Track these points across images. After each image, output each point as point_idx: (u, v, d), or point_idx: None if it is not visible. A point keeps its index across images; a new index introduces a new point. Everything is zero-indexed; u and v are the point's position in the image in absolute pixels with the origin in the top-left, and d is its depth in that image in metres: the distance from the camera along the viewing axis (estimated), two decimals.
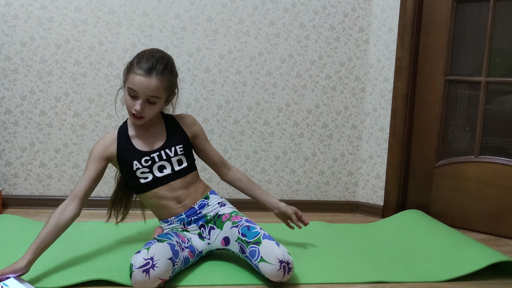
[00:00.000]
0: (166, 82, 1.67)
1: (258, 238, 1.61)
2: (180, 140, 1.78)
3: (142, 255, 1.50)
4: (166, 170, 1.74)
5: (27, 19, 2.31)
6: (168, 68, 1.68)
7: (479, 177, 2.32)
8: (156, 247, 1.53)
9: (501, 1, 2.24)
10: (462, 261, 1.80)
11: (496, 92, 2.29)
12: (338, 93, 2.55)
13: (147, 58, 1.65)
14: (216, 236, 1.76)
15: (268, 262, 1.56)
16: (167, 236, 1.63)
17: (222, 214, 1.77)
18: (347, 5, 2.49)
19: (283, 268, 1.55)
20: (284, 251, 1.58)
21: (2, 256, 1.72)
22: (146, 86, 1.62)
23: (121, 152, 1.73)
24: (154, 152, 1.73)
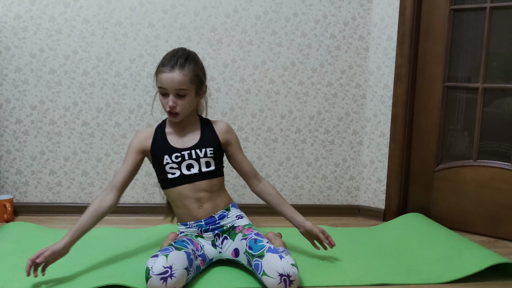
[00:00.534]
0: (189, 74, 1.75)
1: (262, 251, 1.65)
2: (212, 144, 1.84)
3: (161, 262, 1.55)
4: (193, 169, 1.81)
5: (37, 31, 2.37)
6: (190, 60, 1.77)
7: (478, 181, 2.39)
8: (175, 256, 1.58)
9: (497, 9, 2.31)
10: (463, 263, 1.86)
11: (494, 96, 2.36)
12: (340, 99, 2.62)
13: (169, 57, 1.76)
14: (228, 247, 1.82)
15: (269, 276, 1.59)
16: (183, 244, 1.68)
17: (237, 226, 1.84)
18: (347, 14, 2.56)
19: (283, 282, 1.58)
20: (286, 263, 1.60)
21: (18, 262, 1.78)
22: (172, 80, 1.73)
23: (155, 145, 1.82)
24: (185, 150, 1.81)
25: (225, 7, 2.47)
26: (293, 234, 2.13)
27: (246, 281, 1.71)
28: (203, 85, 1.84)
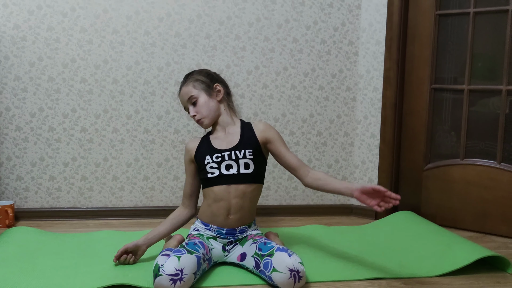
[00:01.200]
0: (191, 83, 1.96)
1: (272, 251, 1.72)
2: (251, 145, 1.92)
3: (173, 264, 1.61)
4: (232, 170, 1.89)
5: (35, 40, 2.43)
6: (190, 75, 2.00)
7: (465, 179, 2.48)
8: (187, 260, 1.64)
9: (480, 14, 2.41)
10: (452, 257, 1.95)
11: (479, 97, 2.45)
12: (331, 102, 2.70)
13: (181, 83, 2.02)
14: (235, 251, 1.89)
15: (279, 271, 1.66)
16: (195, 248, 1.73)
17: (249, 235, 1.92)
18: (336, 20, 2.65)
19: (293, 277, 1.65)
20: (295, 260, 1.67)
21: (23, 265, 1.83)
22: (182, 97, 1.99)
23: (199, 151, 1.95)
24: (225, 151, 1.90)
25: (218, 15, 2.54)
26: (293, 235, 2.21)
27: (246, 279, 1.78)
28: (212, 85, 1.96)
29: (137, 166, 2.57)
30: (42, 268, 1.81)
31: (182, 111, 2.56)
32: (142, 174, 2.58)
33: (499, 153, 2.40)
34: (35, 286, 1.66)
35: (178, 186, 2.61)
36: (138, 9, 2.48)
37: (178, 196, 2.62)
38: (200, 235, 1.90)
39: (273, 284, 1.70)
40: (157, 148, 2.57)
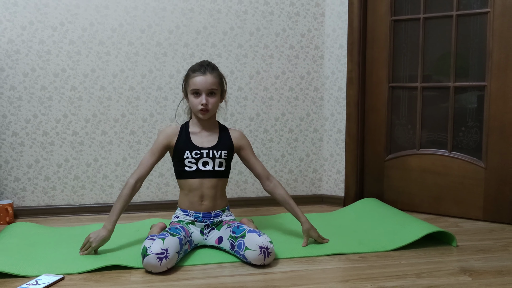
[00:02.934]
0: (218, 77, 2.13)
1: (244, 233, 1.99)
2: (227, 147, 2.18)
3: (159, 244, 1.86)
4: (208, 166, 2.14)
5: (28, 53, 2.66)
6: (216, 68, 2.16)
7: (421, 167, 2.76)
8: (170, 241, 1.89)
9: (429, 19, 2.70)
10: (405, 234, 2.22)
11: (431, 94, 2.74)
12: (300, 102, 2.97)
13: (199, 65, 2.13)
14: (212, 235, 2.15)
15: (251, 249, 1.93)
16: (177, 231, 1.99)
17: (223, 220, 2.18)
18: (303, 27, 2.92)
19: (263, 253, 1.92)
20: (265, 239, 1.94)
21: (26, 253, 2.06)
22: (205, 81, 2.09)
23: (179, 142, 2.16)
24: (204, 149, 2.14)
25: (195, 25, 2.80)
26: (270, 223, 2.47)
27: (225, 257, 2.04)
28: (225, 90, 2.20)
29: (125, 165, 2.81)
30: (43, 256, 2.05)
31: (165, 113, 2.81)
32: (130, 172, 2.82)
33: (449, 143, 2.68)
34: (39, 270, 1.90)
35: (163, 182, 2.86)
36: (121, 22, 2.73)
37: (163, 191, 2.87)
38: (180, 221, 2.15)
39: (247, 261, 1.96)
40: (143, 148, 2.82)
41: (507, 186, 2.53)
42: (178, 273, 1.89)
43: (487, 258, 2.05)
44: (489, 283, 1.78)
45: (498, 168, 2.55)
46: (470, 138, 2.64)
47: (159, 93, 2.80)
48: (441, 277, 1.83)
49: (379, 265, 1.96)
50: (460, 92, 2.65)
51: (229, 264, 1.99)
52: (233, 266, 1.97)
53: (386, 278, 1.83)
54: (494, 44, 2.51)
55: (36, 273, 1.87)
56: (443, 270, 1.90)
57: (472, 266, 1.95)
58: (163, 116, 2.82)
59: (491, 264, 1.98)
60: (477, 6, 2.56)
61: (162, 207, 2.83)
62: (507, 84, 2.49)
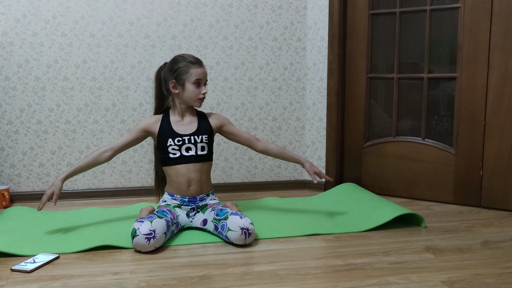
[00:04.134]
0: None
1: (226, 215, 2.14)
2: (207, 131, 2.33)
3: (147, 226, 2.00)
4: (191, 151, 2.29)
5: (22, 45, 2.78)
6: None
7: (397, 153, 2.92)
8: (157, 222, 2.04)
9: (404, 13, 2.84)
10: (378, 217, 2.39)
11: (406, 84, 2.89)
12: (284, 92, 3.11)
13: (194, 58, 2.28)
14: (198, 218, 2.30)
15: (233, 230, 2.09)
16: (164, 213, 2.14)
17: (208, 204, 2.33)
18: (286, 20, 3.05)
19: (244, 234, 2.08)
20: (246, 221, 2.10)
21: (23, 234, 2.20)
22: (204, 73, 2.29)
23: (162, 130, 2.30)
24: (185, 136, 2.28)
25: (182, 18, 2.92)
26: (254, 206, 2.62)
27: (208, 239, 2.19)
28: None
29: None
30: (39, 237, 2.19)
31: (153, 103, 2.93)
32: (121, 159, 2.96)
33: (423, 131, 2.84)
34: (35, 249, 2.04)
35: (153, 168, 2.99)
36: (111, 15, 2.85)
37: (153, 177, 3.00)
38: (167, 205, 2.30)
39: (229, 241, 2.12)
40: None
41: (475, 172, 2.70)
42: (165, 252, 2.05)
43: (451, 237, 2.22)
44: (449, 260, 1.95)
45: (467, 155, 2.71)
46: (442, 126, 2.80)
47: (148, 83, 2.93)
48: (406, 255, 2.00)
49: (351, 244, 2.13)
50: (434, 83, 2.80)
51: (212, 244, 2.14)
52: (216, 246, 2.12)
53: (356, 255, 2.00)
54: (464, 38, 2.66)
55: (33, 252, 2.01)
56: (409, 249, 2.07)
57: (436, 245, 2.12)
58: (152, 105, 2.94)
59: (454, 243, 2.15)
60: (449, 1, 2.71)
61: (152, 192, 2.94)
62: (476, 75, 2.65)
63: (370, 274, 1.81)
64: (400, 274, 1.81)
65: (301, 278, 1.78)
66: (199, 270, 1.86)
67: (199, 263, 1.93)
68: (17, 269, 1.84)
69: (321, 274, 1.82)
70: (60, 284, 1.74)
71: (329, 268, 1.88)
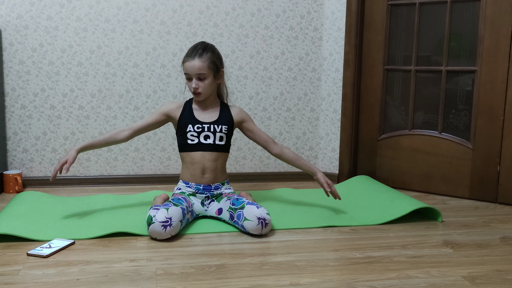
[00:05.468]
0: (207, 61, 2.20)
1: (243, 205, 2.12)
2: (227, 122, 2.31)
3: (163, 213, 1.99)
4: (209, 140, 2.27)
5: (36, 28, 2.75)
6: (207, 51, 2.22)
7: (412, 147, 2.89)
8: (174, 210, 2.02)
9: (424, 4, 2.79)
10: (394, 210, 2.36)
11: (424, 76, 2.85)
12: (299, 82, 3.08)
13: (191, 49, 2.24)
14: (213, 207, 2.28)
15: (249, 220, 2.07)
16: (179, 201, 2.12)
17: (223, 193, 2.30)
18: (303, 9, 3.01)
19: (261, 224, 2.06)
20: (262, 211, 2.08)
21: (37, 219, 2.19)
22: (192, 66, 2.20)
23: (183, 115, 2.29)
24: (205, 124, 2.27)
25: (198, 5, 2.88)
26: (269, 196, 2.60)
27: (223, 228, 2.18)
28: (220, 70, 2.29)
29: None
30: (53, 222, 2.18)
31: (168, 90, 2.92)
32: (133, 146, 2.94)
33: (440, 125, 2.81)
34: (50, 234, 2.03)
35: (165, 156, 2.98)
36: (127, 0, 2.81)
37: (165, 165, 2.99)
38: (182, 193, 2.28)
39: (245, 231, 2.10)
40: None
41: (492, 167, 2.67)
42: (181, 240, 2.03)
43: (469, 232, 2.19)
44: (468, 255, 1.93)
45: (484, 150, 2.68)
46: (460, 120, 2.76)
47: (163, 71, 2.90)
48: (425, 249, 1.98)
49: (368, 237, 2.11)
50: (452, 76, 2.77)
51: (228, 234, 2.12)
52: (232, 235, 2.11)
53: (374, 248, 1.98)
54: (486, 31, 2.61)
55: (48, 237, 2.00)
56: (427, 243, 2.05)
57: (455, 240, 2.09)
58: (166, 93, 2.92)
59: (472, 238, 2.12)
60: None
61: (164, 180, 2.95)
62: (496, 69, 2.61)
63: (389, 267, 1.79)
64: (419, 268, 1.79)
65: (320, 269, 1.77)
66: (216, 259, 1.84)
67: (216, 252, 1.91)
68: (33, 254, 1.83)
69: (339, 266, 1.80)
70: (77, 269, 1.73)
71: (348, 260, 1.86)
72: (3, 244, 1.94)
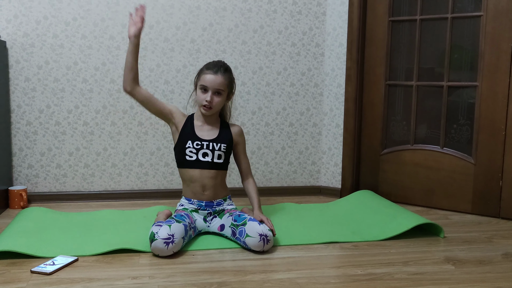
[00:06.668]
0: (228, 79, 2.28)
1: (245, 221, 2.14)
2: (226, 141, 2.33)
3: (166, 230, 2.01)
4: (207, 157, 2.29)
5: (42, 46, 2.79)
6: (228, 70, 2.31)
7: (414, 161, 2.90)
8: (176, 227, 2.04)
9: (425, 21, 2.82)
10: (396, 225, 2.37)
11: (425, 92, 2.86)
12: (301, 97, 3.10)
13: (213, 64, 2.29)
14: (215, 223, 2.30)
15: (251, 236, 2.08)
16: (182, 218, 2.14)
17: (225, 209, 2.32)
18: (305, 25, 3.04)
19: (262, 240, 2.07)
20: (264, 228, 2.10)
21: (41, 235, 2.21)
22: (214, 80, 2.24)
23: (185, 128, 2.30)
24: (205, 141, 2.29)
25: (202, 22, 2.92)
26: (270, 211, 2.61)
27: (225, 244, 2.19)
28: (232, 92, 2.34)
29: (133, 155, 2.96)
30: (57, 238, 2.20)
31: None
32: (137, 161, 2.96)
33: (442, 140, 2.82)
34: (54, 251, 2.05)
35: (169, 172, 3.00)
36: None
37: (169, 180, 3.01)
38: (185, 209, 2.30)
39: (247, 247, 2.11)
40: (150, 139, 2.96)
41: (494, 182, 2.67)
42: (183, 257, 2.04)
43: (471, 248, 2.19)
44: (470, 272, 1.93)
45: (486, 164, 2.68)
46: (462, 135, 2.77)
47: (166, 87, 2.94)
48: (427, 265, 1.98)
49: (370, 253, 2.11)
50: (454, 90, 2.78)
51: (230, 250, 2.14)
52: (234, 251, 2.12)
53: (375, 265, 1.98)
54: (486, 47, 2.63)
55: (52, 254, 2.02)
56: (429, 259, 2.05)
57: (456, 256, 2.10)
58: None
59: (474, 254, 2.12)
60: (471, 9, 2.68)
61: (168, 195, 2.97)
62: (497, 84, 2.62)
63: (390, 285, 1.80)
64: (420, 285, 1.79)
65: (321, 287, 1.77)
66: (217, 277, 1.85)
67: (217, 269, 1.92)
68: (37, 271, 1.85)
69: (340, 283, 1.81)
70: (80, 287, 1.74)
71: (349, 277, 1.86)
72: (7, 261, 1.96)
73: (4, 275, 1.84)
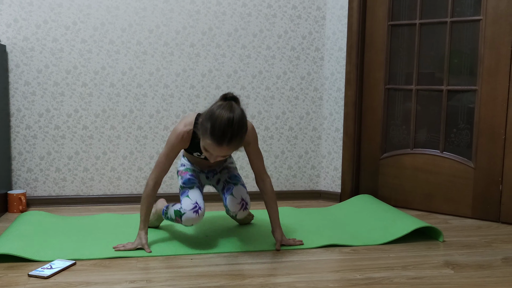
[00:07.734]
0: (234, 147, 1.94)
1: (236, 181, 2.23)
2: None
3: (188, 201, 2.09)
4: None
5: (42, 50, 2.80)
6: (238, 137, 1.90)
7: (414, 166, 2.89)
8: (194, 194, 2.13)
9: (424, 25, 2.82)
10: (395, 229, 2.36)
11: (425, 96, 2.86)
12: (301, 101, 3.10)
13: (220, 131, 1.86)
14: (213, 176, 2.34)
15: (234, 196, 2.16)
16: (192, 182, 2.18)
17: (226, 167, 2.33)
18: (304, 30, 3.04)
19: (241, 205, 2.16)
20: (247, 196, 2.19)
21: (40, 239, 2.21)
22: (217, 152, 1.92)
23: (191, 145, 2.12)
24: None
25: (201, 26, 2.93)
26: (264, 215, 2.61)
27: (224, 248, 2.18)
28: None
29: (132, 159, 2.96)
30: (55, 242, 2.20)
31: (171, 110, 2.95)
32: (137, 165, 2.96)
33: (441, 144, 2.81)
34: (52, 255, 2.05)
35: (168, 176, 3.00)
36: (131, 22, 2.86)
37: (168, 184, 3.01)
38: (187, 170, 2.27)
39: (225, 204, 2.19)
40: (149, 143, 2.96)
41: (494, 186, 2.66)
42: (181, 260, 2.04)
43: (471, 253, 2.18)
44: (470, 276, 1.92)
45: (486, 169, 2.67)
46: (461, 139, 2.77)
47: (166, 91, 2.94)
48: (426, 270, 1.97)
49: (369, 258, 2.10)
50: (453, 94, 2.78)
51: (228, 254, 2.13)
52: (232, 255, 2.11)
53: (374, 269, 1.97)
54: (485, 51, 2.63)
55: (50, 258, 2.02)
56: (428, 263, 2.04)
57: (456, 260, 2.08)
58: (169, 112, 2.95)
59: (474, 258, 2.11)
60: (470, 13, 2.68)
61: (167, 200, 2.97)
62: (496, 88, 2.62)
63: None
64: None
65: None
66: (216, 281, 1.84)
67: (216, 273, 1.91)
68: (34, 275, 1.85)
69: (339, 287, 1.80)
70: None
71: (347, 282, 1.85)
72: (4, 265, 1.96)
73: (2, 279, 1.83)
